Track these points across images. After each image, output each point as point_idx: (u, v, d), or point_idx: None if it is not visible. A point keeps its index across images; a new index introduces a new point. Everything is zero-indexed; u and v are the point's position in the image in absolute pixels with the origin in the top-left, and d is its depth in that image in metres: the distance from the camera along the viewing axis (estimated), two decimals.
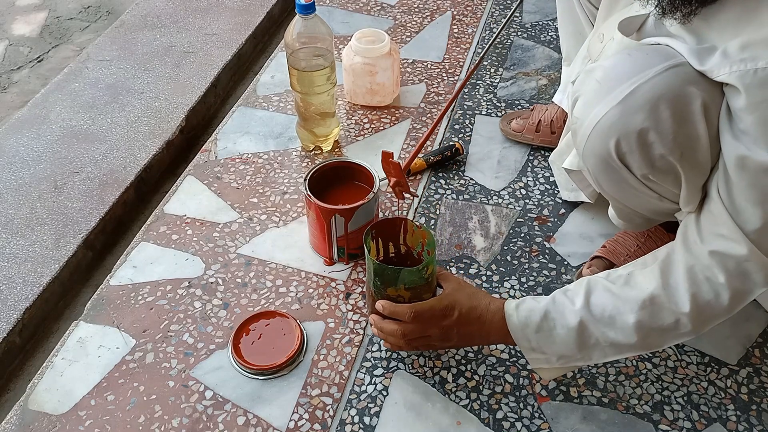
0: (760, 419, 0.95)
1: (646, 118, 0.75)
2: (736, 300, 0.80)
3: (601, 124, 0.78)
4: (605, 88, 0.78)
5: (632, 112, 0.76)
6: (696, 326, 0.83)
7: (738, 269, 0.77)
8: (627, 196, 0.88)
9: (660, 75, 0.74)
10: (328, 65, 1.23)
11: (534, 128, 1.35)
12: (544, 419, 0.95)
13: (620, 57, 0.80)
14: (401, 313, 0.91)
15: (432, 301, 0.92)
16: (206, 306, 1.09)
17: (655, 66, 0.75)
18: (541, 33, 1.71)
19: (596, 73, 0.81)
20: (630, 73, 0.76)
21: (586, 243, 1.19)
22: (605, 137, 0.79)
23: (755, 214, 0.74)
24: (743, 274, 0.78)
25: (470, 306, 0.91)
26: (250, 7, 1.87)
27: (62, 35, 1.93)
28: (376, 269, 0.91)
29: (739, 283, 0.79)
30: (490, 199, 1.28)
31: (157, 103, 1.54)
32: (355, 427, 0.94)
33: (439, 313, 0.91)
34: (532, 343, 0.89)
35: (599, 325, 0.85)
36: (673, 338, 0.85)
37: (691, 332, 0.83)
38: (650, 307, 0.82)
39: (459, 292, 0.93)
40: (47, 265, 1.19)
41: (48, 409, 0.96)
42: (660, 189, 0.83)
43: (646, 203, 0.87)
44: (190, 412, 0.95)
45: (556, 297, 0.88)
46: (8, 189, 1.33)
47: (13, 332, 1.10)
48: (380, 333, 0.96)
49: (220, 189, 1.29)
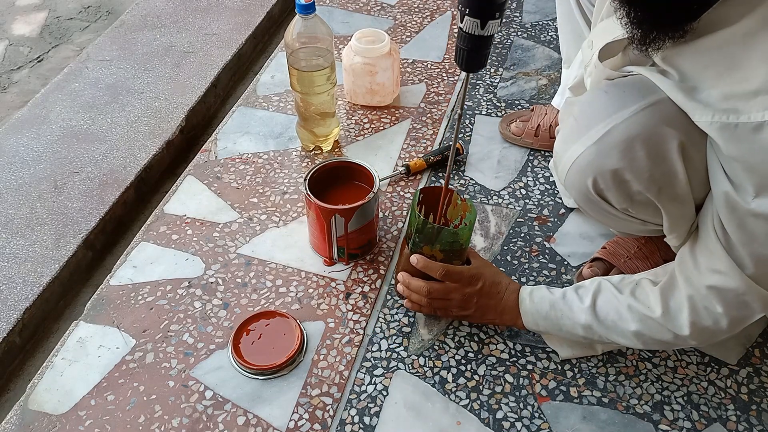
0: (760, 419, 0.95)
1: (621, 159, 0.76)
2: (736, 324, 0.82)
3: (578, 163, 0.81)
4: (582, 127, 0.80)
5: (606, 152, 0.77)
6: (698, 342, 0.86)
7: (736, 300, 0.79)
8: (612, 223, 0.92)
9: (635, 115, 0.75)
10: (328, 65, 1.23)
11: (533, 132, 1.35)
12: (544, 419, 0.95)
13: (597, 94, 0.81)
14: (433, 268, 0.97)
15: (463, 267, 0.99)
16: (206, 306, 1.09)
17: (631, 106, 0.76)
18: (541, 33, 1.71)
19: (574, 110, 0.83)
20: (606, 112, 0.77)
21: (586, 243, 1.19)
22: (582, 175, 0.81)
23: (746, 253, 0.75)
24: (741, 304, 0.79)
25: (493, 281, 0.98)
26: (250, 7, 1.87)
27: (62, 35, 1.93)
28: (419, 224, 0.96)
29: (737, 312, 0.80)
30: (490, 199, 1.28)
31: (157, 103, 1.54)
32: (355, 427, 0.94)
33: (466, 279, 0.98)
34: (540, 328, 0.97)
35: (602, 327, 0.90)
36: (673, 347, 0.89)
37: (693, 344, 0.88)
38: (650, 323, 0.86)
39: (486, 267, 1.00)
40: (47, 265, 1.19)
41: (48, 409, 0.96)
42: (642, 217, 0.86)
43: (632, 228, 0.91)
44: (190, 412, 0.95)
45: (567, 293, 0.93)
46: (8, 189, 1.33)
47: (13, 332, 1.10)
48: (406, 289, 1.02)
49: (220, 189, 1.29)
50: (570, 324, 0.92)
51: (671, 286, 0.84)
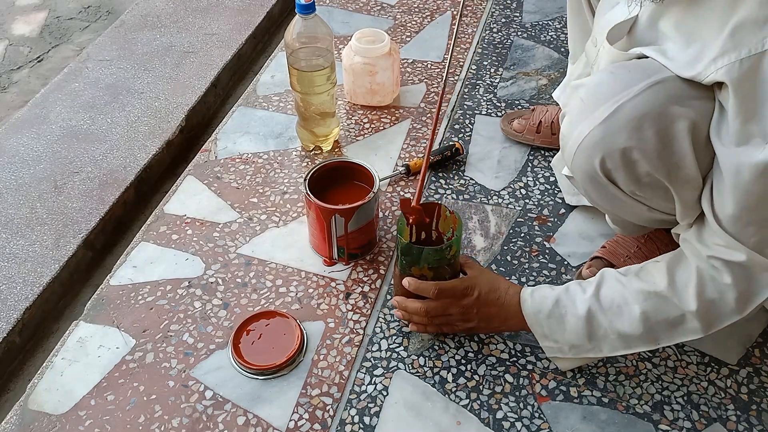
0: (760, 419, 0.95)
1: (630, 137, 0.76)
2: (744, 301, 0.81)
3: (585, 143, 0.80)
4: (589, 107, 0.79)
5: (615, 131, 0.76)
6: (706, 325, 0.84)
7: (743, 273, 0.79)
8: (617, 208, 0.90)
9: (643, 93, 0.75)
10: (328, 65, 1.23)
11: (535, 129, 1.35)
12: (544, 419, 0.95)
13: (604, 75, 0.81)
14: (425, 289, 0.96)
15: (455, 281, 0.97)
16: (206, 306, 1.09)
17: (638, 84, 0.75)
18: (541, 33, 1.71)
19: (581, 91, 0.82)
20: (613, 91, 0.77)
21: (586, 243, 1.19)
22: (590, 155, 0.80)
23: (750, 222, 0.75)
24: (748, 277, 0.79)
25: (489, 288, 0.96)
26: (250, 7, 1.87)
27: (62, 35, 1.93)
28: (402, 248, 0.96)
29: (744, 285, 0.80)
30: (490, 199, 1.28)
31: (157, 103, 1.54)
32: (355, 427, 0.94)
33: (460, 292, 0.96)
34: (544, 329, 0.93)
35: (607, 315, 0.88)
36: (681, 334, 0.86)
37: (701, 330, 0.85)
38: (655, 300, 0.84)
39: (480, 276, 0.98)
40: (47, 265, 1.19)
41: (48, 409, 0.96)
42: (649, 202, 0.85)
43: (637, 214, 0.89)
44: (190, 412, 0.95)
45: (570, 286, 0.92)
46: (8, 189, 1.33)
47: (13, 332, 1.10)
48: (404, 313, 1.01)
49: (220, 189, 1.29)
50: (574, 320, 0.89)
51: (677, 259, 0.84)
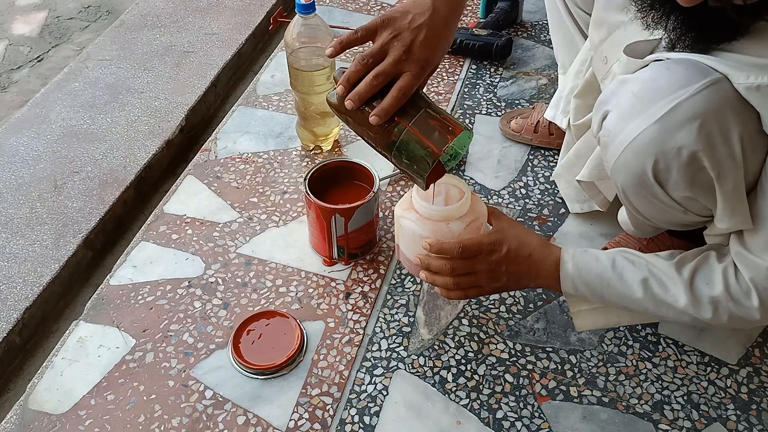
0: (760, 419, 0.95)
1: (687, 137, 0.72)
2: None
3: (637, 141, 0.75)
4: (643, 103, 0.75)
5: (672, 130, 0.72)
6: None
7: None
8: (653, 210, 0.86)
9: (701, 92, 0.71)
10: (328, 65, 1.23)
11: (532, 129, 1.35)
12: (544, 419, 0.95)
13: (659, 69, 0.77)
14: (448, 250, 0.89)
15: (480, 236, 0.91)
16: (206, 306, 1.09)
17: (696, 82, 0.71)
18: (541, 33, 1.70)
19: (632, 86, 0.78)
20: (669, 88, 0.73)
21: (586, 243, 1.19)
22: (641, 155, 0.76)
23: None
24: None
25: (519, 243, 0.90)
26: (250, 7, 1.87)
27: (62, 35, 1.93)
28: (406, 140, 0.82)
29: None
30: (490, 198, 1.28)
31: (157, 102, 1.54)
32: (355, 426, 0.94)
33: (487, 248, 0.89)
34: (578, 293, 0.90)
35: (652, 303, 0.85)
36: (736, 320, 0.84)
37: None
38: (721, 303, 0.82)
39: (509, 229, 0.92)
40: (47, 264, 1.19)
41: (48, 408, 0.96)
42: (689, 205, 0.81)
43: (671, 217, 0.86)
44: (190, 412, 0.95)
45: (617, 261, 0.88)
46: (8, 189, 1.33)
47: (13, 332, 1.10)
48: (428, 274, 0.93)
49: (220, 188, 1.29)
50: (616, 298, 0.87)
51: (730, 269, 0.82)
